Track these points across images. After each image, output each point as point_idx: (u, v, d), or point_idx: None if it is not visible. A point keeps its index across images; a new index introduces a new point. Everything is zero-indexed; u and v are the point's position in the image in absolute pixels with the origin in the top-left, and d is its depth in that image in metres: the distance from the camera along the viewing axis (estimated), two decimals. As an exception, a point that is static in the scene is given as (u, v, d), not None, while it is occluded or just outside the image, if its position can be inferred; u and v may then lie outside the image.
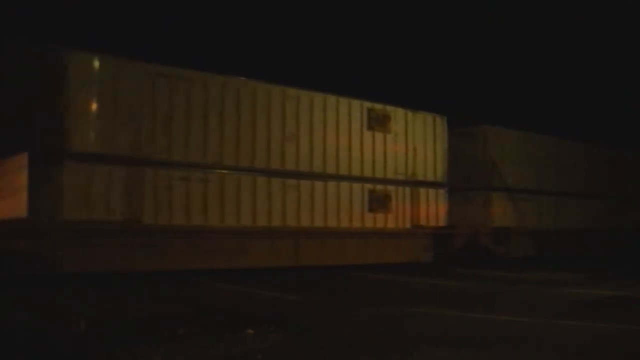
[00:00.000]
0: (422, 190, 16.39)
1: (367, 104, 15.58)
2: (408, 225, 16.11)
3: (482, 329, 7.44)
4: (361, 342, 6.55)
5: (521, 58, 29.23)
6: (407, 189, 16.13)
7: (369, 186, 15.40)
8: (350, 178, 15.07)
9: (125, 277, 11.57)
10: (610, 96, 30.19)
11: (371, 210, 15.39)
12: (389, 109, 15.99)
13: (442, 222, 16.81)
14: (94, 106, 11.61)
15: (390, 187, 15.77)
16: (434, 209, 16.57)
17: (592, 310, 9.11)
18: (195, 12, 24.69)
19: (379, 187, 15.57)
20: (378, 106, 15.78)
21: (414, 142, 16.35)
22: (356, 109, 15.33)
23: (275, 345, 6.20)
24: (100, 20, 20.11)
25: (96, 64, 11.67)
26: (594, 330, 7.50)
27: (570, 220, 20.22)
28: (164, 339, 6.28)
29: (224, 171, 13.04)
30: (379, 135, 15.64)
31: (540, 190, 19.37)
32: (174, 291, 10.74)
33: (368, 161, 15.46)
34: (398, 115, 16.11)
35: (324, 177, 14.65)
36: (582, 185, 21.02)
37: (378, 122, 15.64)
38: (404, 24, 27.50)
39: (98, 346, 5.96)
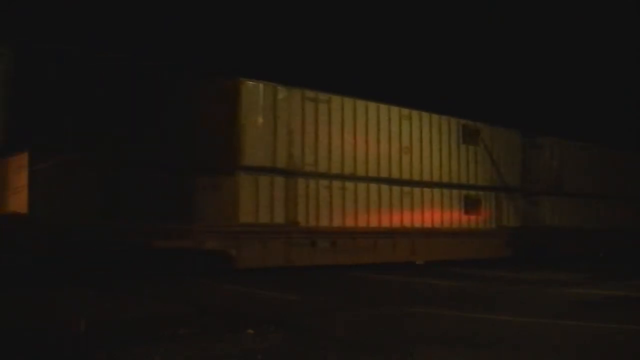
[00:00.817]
0: (503, 195, 18.92)
1: (462, 121, 18.11)
2: (494, 225, 18.59)
3: (482, 329, 7.44)
4: (361, 342, 6.55)
5: (529, 60, 29.25)
6: (492, 194, 18.67)
7: (464, 192, 17.90)
8: (450, 185, 17.59)
9: (125, 277, 11.57)
10: (614, 96, 30.20)
11: (466, 212, 17.88)
12: (478, 124, 18.54)
13: (518, 222, 19.22)
14: (260, 127, 13.79)
15: (480, 193, 18.34)
16: (513, 211, 19.16)
17: (592, 310, 9.11)
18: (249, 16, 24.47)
19: (472, 192, 18.10)
20: (470, 123, 18.31)
21: (497, 153, 18.88)
22: (454, 125, 17.86)
23: (275, 345, 6.21)
24: (99, 20, 20.05)
25: (261, 91, 13.82)
26: (594, 330, 7.50)
27: (610, 221, 22.00)
28: (164, 339, 6.28)
29: (357, 181, 15.38)
30: (470, 148, 18.24)
31: (592, 194, 21.26)
32: (174, 291, 10.74)
33: (463, 170, 18.02)
34: (484, 130, 18.67)
35: (430, 184, 17.08)
36: (620, 189, 22.58)
37: (470, 137, 18.16)
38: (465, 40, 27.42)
39: (98, 346, 5.96)
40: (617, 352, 6.41)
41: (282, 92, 14.20)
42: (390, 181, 16.10)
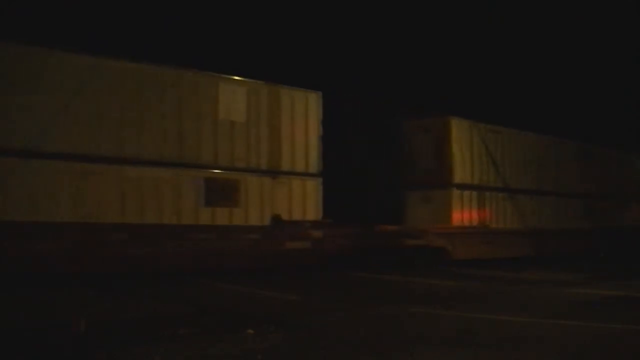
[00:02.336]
0: None
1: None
2: None
3: (482, 329, 7.44)
4: (361, 342, 6.55)
5: (520, 57, 29.09)
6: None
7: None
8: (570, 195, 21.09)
9: (126, 277, 11.57)
10: (611, 95, 30.13)
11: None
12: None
13: None
14: (463, 153, 17.61)
15: None
16: None
17: (592, 310, 9.12)
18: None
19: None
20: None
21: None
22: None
23: (275, 345, 6.21)
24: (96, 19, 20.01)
25: (464, 126, 17.76)
26: (594, 330, 7.51)
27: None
28: (164, 339, 6.29)
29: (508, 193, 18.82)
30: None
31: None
32: (174, 291, 10.74)
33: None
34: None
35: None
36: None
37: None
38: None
39: (98, 346, 5.96)
40: (617, 352, 6.41)
41: (474, 127, 18.03)
42: (526, 191, 19.28)
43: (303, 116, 14.67)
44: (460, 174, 17.31)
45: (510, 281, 13.31)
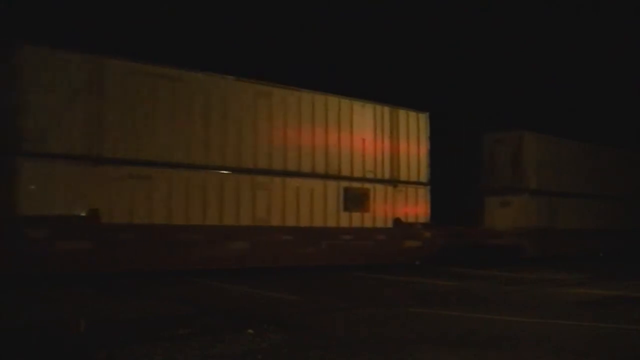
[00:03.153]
0: None
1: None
2: None
3: (483, 328, 7.44)
4: (361, 342, 6.55)
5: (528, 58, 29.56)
6: None
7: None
8: (615, 198, 22.74)
9: (126, 277, 11.58)
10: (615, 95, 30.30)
11: None
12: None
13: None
14: (535, 163, 19.94)
15: None
16: None
17: (592, 310, 9.11)
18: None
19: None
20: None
21: None
22: None
23: (275, 345, 6.21)
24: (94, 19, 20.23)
25: (536, 139, 20.16)
26: (594, 330, 7.51)
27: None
28: (164, 339, 6.28)
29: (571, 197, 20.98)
30: None
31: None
32: (174, 291, 10.74)
33: None
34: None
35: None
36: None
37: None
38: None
39: (98, 346, 5.96)
40: (617, 352, 6.41)
41: (547, 140, 20.48)
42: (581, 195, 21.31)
43: (415, 133, 17.34)
44: (533, 181, 19.85)
45: (510, 281, 13.31)
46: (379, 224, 16.37)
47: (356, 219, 15.92)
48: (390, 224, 16.56)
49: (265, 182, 14.28)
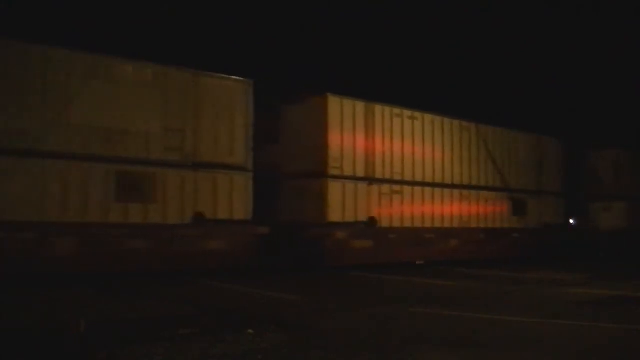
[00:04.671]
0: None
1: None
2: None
3: (482, 329, 7.44)
4: (361, 342, 6.55)
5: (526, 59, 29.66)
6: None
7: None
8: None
9: (125, 277, 11.57)
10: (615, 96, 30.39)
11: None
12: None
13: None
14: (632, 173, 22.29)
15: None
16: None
17: (592, 310, 9.11)
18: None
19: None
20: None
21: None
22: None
23: (275, 345, 6.21)
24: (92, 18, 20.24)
25: (631, 155, 22.55)
26: (594, 330, 7.51)
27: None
28: (164, 339, 6.28)
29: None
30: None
31: None
32: (174, 291, 10.73)
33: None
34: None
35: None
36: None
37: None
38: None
39: (98, 346, 5.96)
40: (617, 352, 6.41)
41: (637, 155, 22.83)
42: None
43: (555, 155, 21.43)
44: (634, 189, 22.14)
45: (510, 281, 13.31)
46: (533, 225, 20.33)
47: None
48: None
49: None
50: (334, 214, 14.87)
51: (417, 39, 27.41)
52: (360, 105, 15.57)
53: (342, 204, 15.00)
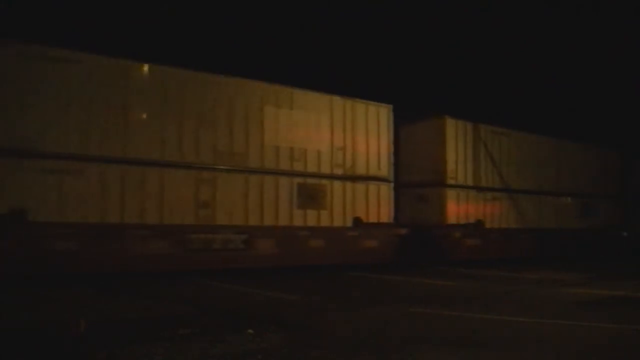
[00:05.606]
0: None
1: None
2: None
3: (482, 329, 7.44)
4: (361, 342, 6.55)
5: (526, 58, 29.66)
6: None
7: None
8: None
9: (125, 277, 11.58)
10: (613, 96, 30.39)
11: None
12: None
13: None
14: None
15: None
16: None
17: (592, 310, 9.12)
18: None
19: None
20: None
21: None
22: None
23: (275, 345, 6.21)
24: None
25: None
26: (593, 330, 7.51)
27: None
28: (164, 339, 6.29)
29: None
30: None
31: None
32: (174, 291, 10.74)
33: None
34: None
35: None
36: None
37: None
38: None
39: (98, 346, 5.96)
40: (617, 352, 6.41)
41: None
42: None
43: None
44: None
45: (510, 281, 13.31)
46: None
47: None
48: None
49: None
50: (451, 217, 17.59)
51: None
52: (469, 126, 18.30)
53: (457, 208, 17.75)
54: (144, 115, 12.48)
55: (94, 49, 12.34)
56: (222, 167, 13.28)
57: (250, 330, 6.75)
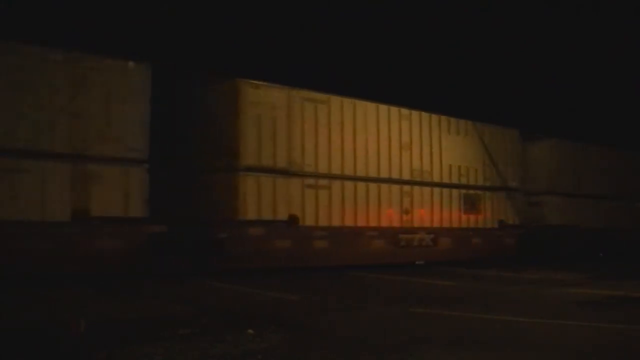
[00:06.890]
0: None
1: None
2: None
3: (482, 329, 7.44)
4: (361, 342, 6.55)
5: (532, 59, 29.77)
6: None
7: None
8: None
9: (125, 277, 11.58)
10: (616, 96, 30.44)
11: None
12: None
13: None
14: None
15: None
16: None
17: (592, 310, 9.12)
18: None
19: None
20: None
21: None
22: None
23: (275, 345, 6.21)
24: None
25: None
26: (594, 330, 7.51)
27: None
28: (164, 339, 6.28)
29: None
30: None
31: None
32: (174, 291, 10.74)
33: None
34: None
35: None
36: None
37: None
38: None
39: (98, 346, 5.96)
40: (617, 352, 6.41)
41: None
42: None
43: None
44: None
45: (510, 281, 13.31)
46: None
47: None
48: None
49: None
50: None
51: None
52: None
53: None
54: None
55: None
56: (416, 180, 16.64)
57: (250, 330, 6.75)
